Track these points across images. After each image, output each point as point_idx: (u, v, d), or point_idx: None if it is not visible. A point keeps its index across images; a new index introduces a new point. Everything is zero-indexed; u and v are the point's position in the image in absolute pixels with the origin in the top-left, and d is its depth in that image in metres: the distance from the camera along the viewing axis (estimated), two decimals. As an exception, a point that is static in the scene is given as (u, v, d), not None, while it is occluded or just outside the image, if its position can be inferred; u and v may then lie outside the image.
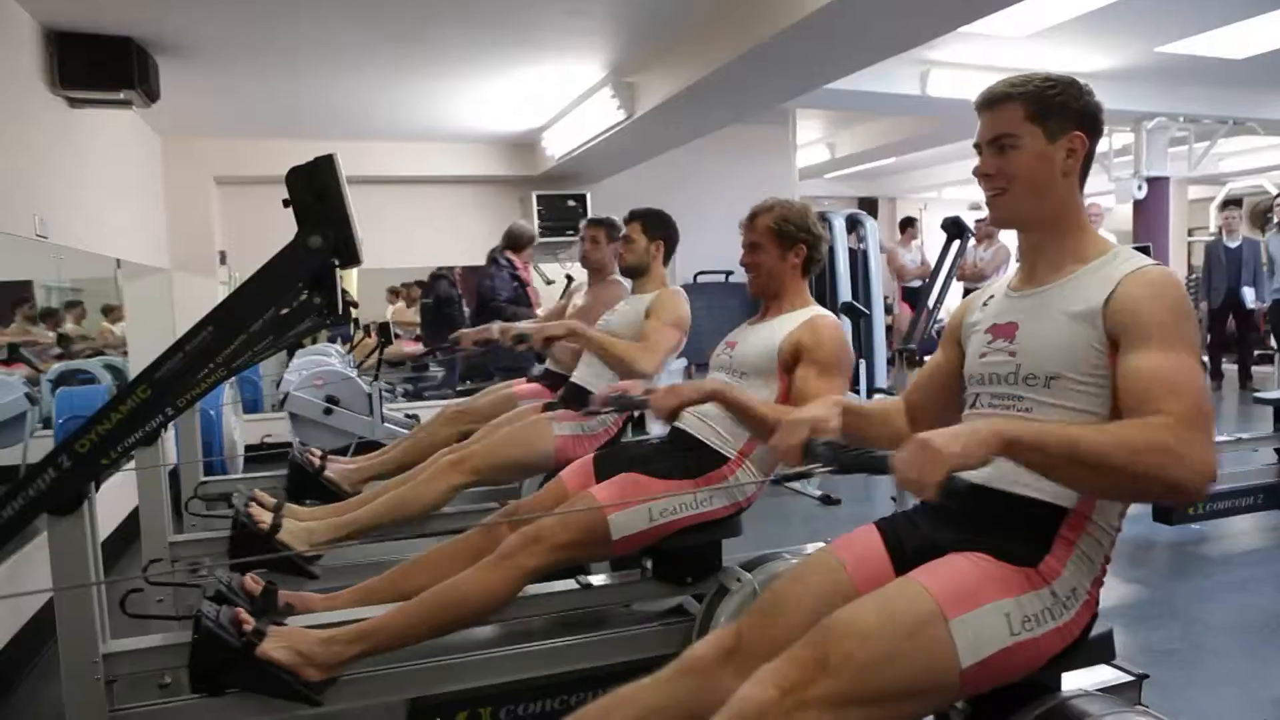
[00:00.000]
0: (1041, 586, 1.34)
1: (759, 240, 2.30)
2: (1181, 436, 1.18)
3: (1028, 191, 1.45)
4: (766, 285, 2.32)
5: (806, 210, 2.32)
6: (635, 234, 3.04)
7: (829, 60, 4.00)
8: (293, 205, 1.56)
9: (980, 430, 1.19)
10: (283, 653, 1.86)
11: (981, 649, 1.28)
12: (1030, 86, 1.44)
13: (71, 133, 3.66)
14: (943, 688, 1.29)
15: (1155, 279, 1.35)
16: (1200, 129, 6.97)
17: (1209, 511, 3.78)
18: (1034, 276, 1.49)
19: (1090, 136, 1.45)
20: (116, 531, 3.86)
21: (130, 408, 1.46)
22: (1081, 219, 1.48)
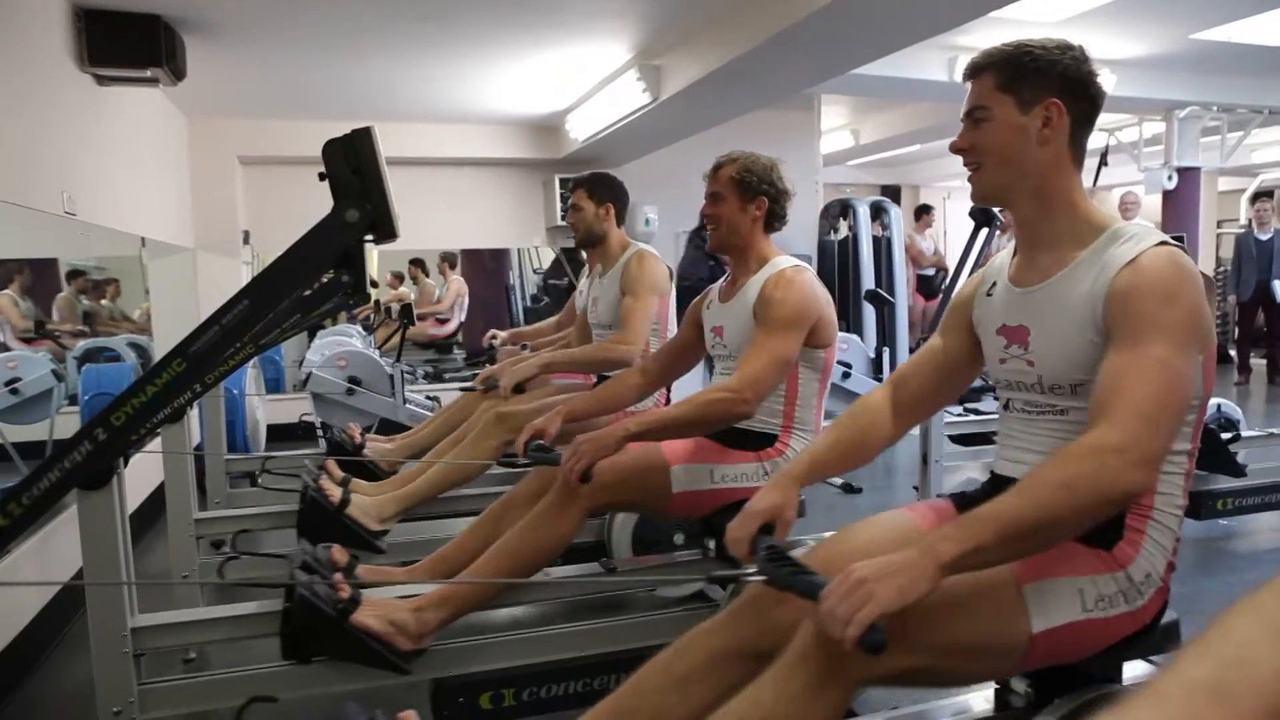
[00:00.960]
0: (1116, 570, 1.31)
1: (720, 190, 2.24)
2: (1115, 443, 1.14)
3: (1001, 165, 1.38)
4: (726, 238, 2.26)
5: (773, 164, 2.26)
6: (581, 201, 2.98)
7: (856, 45, 3.95)
8: (329, 179, 1.55)
9: (917, 565, 1.12)
10: (376, 622, 1.87)
11: (1053, 618, 1.26)
12: (1002, 54, 1.37)
13: (99, 111, 3.67)
14: (1010, 650, 1.27)
15: (1152, 264, 1.26)
16: (1234, 119, 6.85)
17: (1237, 507, 3.72)
18: (1034, 266, 1.42)
19: (1072, 103, 1.35)
20: (141, 508, 3.89)
21: (165, 381, 1.46)
22: (1073, 194, 1.39)
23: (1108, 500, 1.15)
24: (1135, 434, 1.15)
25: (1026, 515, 1.14)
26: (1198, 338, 1.25)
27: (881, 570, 1.11)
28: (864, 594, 1.09)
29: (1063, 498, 1.14)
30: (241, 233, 6.04)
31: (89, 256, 5.05)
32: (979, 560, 1.15)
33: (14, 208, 2.67)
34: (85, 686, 1.86)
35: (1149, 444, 1.15)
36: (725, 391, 2.05)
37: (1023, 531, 1.14)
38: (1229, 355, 8.98)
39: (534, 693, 2.04)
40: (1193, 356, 1.24)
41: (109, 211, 3.67)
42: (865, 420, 1.60)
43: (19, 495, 1.50)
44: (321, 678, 1.91)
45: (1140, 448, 1.15)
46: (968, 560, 1.13)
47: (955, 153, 1.44)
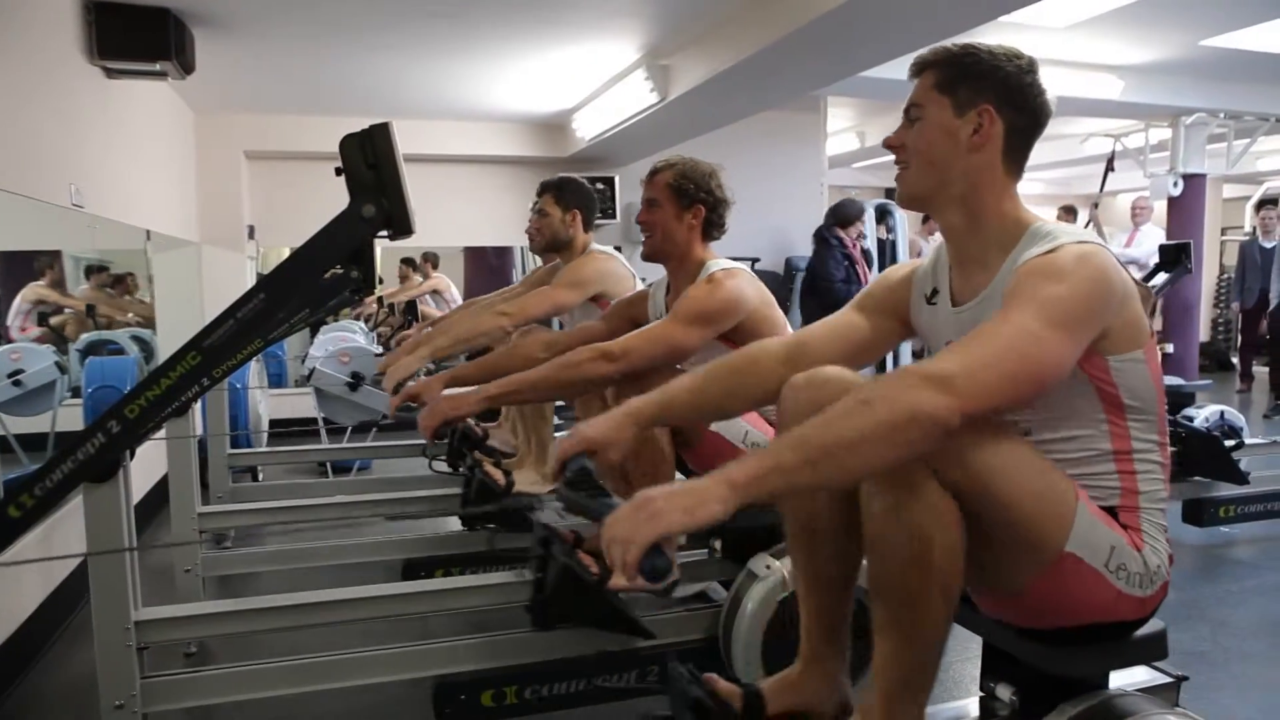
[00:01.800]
0: (1136, 550, 1.31)
1: (656, 196, 2.23)
2: (924, 371, 1.10)
3: (927, 167, 1.34)
4: (660, 246, 2.23)
5: (712, 172, 2.24)
6: (548, 206, 2.93)
7: (864, 48, 3.95)
8: (345, 173, 1.55)
9: (707, 488, 1.06)
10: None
11: (1084, 550, 1.25)
12: (945, 54, 1.34)
13: (107, 104, 3.67)
14: (1042, 547, 1.24)
15: (1048, 256, 1.23)
16: (1240, 126, 6.84)
17: (1239, 515, 3.72)
18: (968, 282, 1.39)
19: (1008, 111, 1.31)
20: (143, 501, 3.90)
21: (179, 374, 1.46)
22: (1003, 205, 1.34)
23: (906, 417, 1.07)
24: (954, 369, 1.11)
25: (825, 433, 1.08)
26: (1083, 324, 1.19)
27: (670, 492, 1.06)
28: (649, 514, 1.04)
29: (861, 413, 1.08)
30: (247, 227, 6.04)
31: (94, 249, 5.05)
32: (783, 482, 1.08)
33: (22, 199, 2.67)
34: (87, 679, 1.86)
35: (964, 382, 1.09)
36: (593, 352, 2.02)
37: (823, 450, 1.07)
38: (1231, 363, 8.97)
39: (536, 691, 2.04)
40: (1068, 337, 1.17)
41: (115, 204, 3.67)
42: (748, 374, 1.52)
43: (31, 487, 1.51)
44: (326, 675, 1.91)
45: (951, 380, 1.09)
46: (766, 482, 1.07)
47: (887, 148, 1.41)
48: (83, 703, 2.28)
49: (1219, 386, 8.36)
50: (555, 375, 2.03)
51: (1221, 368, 9.77)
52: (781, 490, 1.11)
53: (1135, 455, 1.33)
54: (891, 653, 1.26)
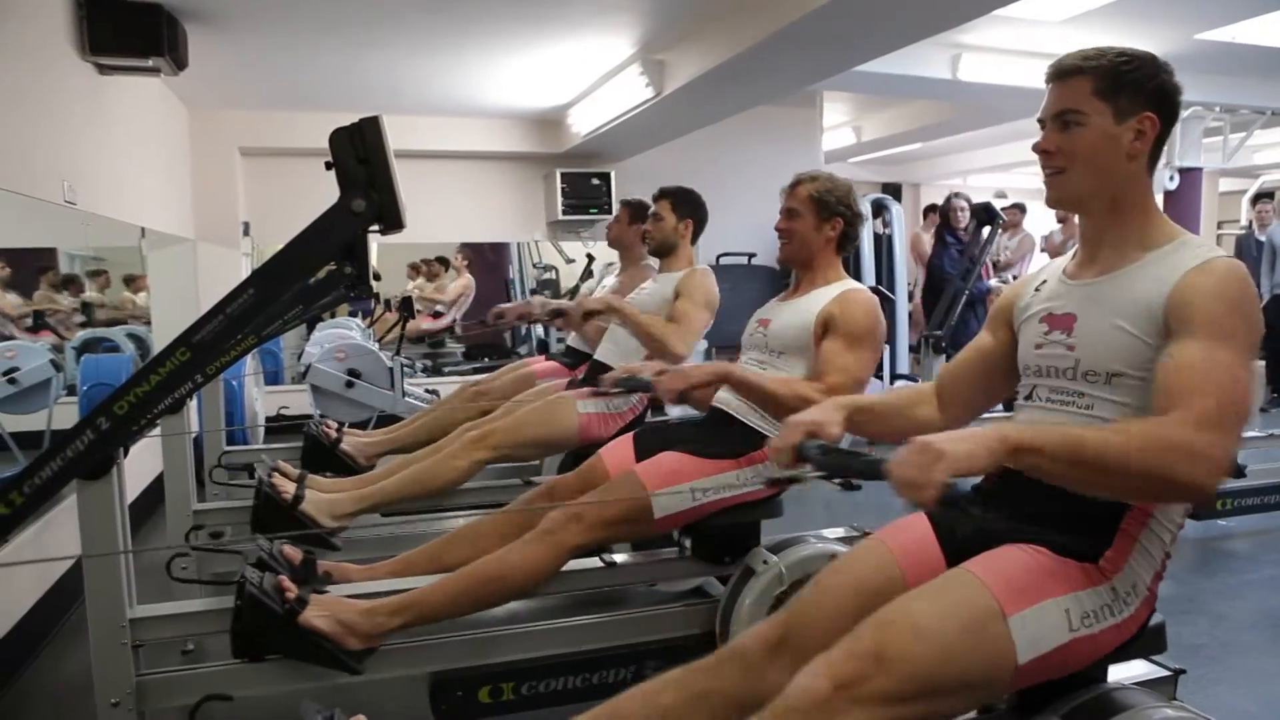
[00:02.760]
0: (1101, 583, 1.31)
1: (797, 207, 2.27)
2: (1193, 434, 1.13)
3: (1088, 172, 1.37)
4: (797, 253, 2.28)
5: (851, 188, 2.30)
6: (664, 212, 3.02)
7: (859, 42, 3.94)
8: (335, 168, 1.54)
9: (986, 435, 1.14)
10: (324, 621, 1.87)
11: (1040, 645, 1.25)
12: (1103, 61, 1.35)
13: (100, 100, 3.65)
14: (997, 682, 1.26)
15: (1219, 270, 1.27)
16: (1236, 119, 6.83)
17: (1237, 508, 3.73)
18: (1095, 262, 1.42)
19: (1163, 118, 1.36)
20: (139, 499, 3.89)
21: (169, 370, 1.45)
22: (1148, 204, 1.39)
23: (1172, 482, 1.13)
24: (1216, 437, 1.15)
25: (1099, 447, 1.14)
26: (1256, 351, 1.26)
27: (948, 436, 1.13)
28: (934, 453, 1.10)
29: (1137, 456, 1.13)
30: (241, 224, 6.02)
31: (87, 246, 5.03)
32: (1042, 463, 1.15)
33: (13, 196, 2.65)
34: (83, 677, 1.86)
35: (1225, 449, 1.15)
36: (820, 390, 2.03)
37: (1086, 459, 1.14)
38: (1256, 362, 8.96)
39: (533, 687, 2.04)
40: (1252, 369, 1.24)
41: (109, 201, 3.65)
42: (911, 396, 1.63)
43: (20, 484, 1.50)
44: (319, 674, 1.90)
45: (1218, 451, 1.14)
46: (1033, 455, 1.14)
47: (1038, 153, 1.42)
48: (79, 700, 2.27)
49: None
50: (785, 398, 2.02)
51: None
52: (1037, 468, 1.17)
53: None
54: None
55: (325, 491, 2.70)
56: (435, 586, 2.00)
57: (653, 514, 2.14)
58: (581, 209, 6.49)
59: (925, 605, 1.25)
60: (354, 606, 1.92)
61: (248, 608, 1.82)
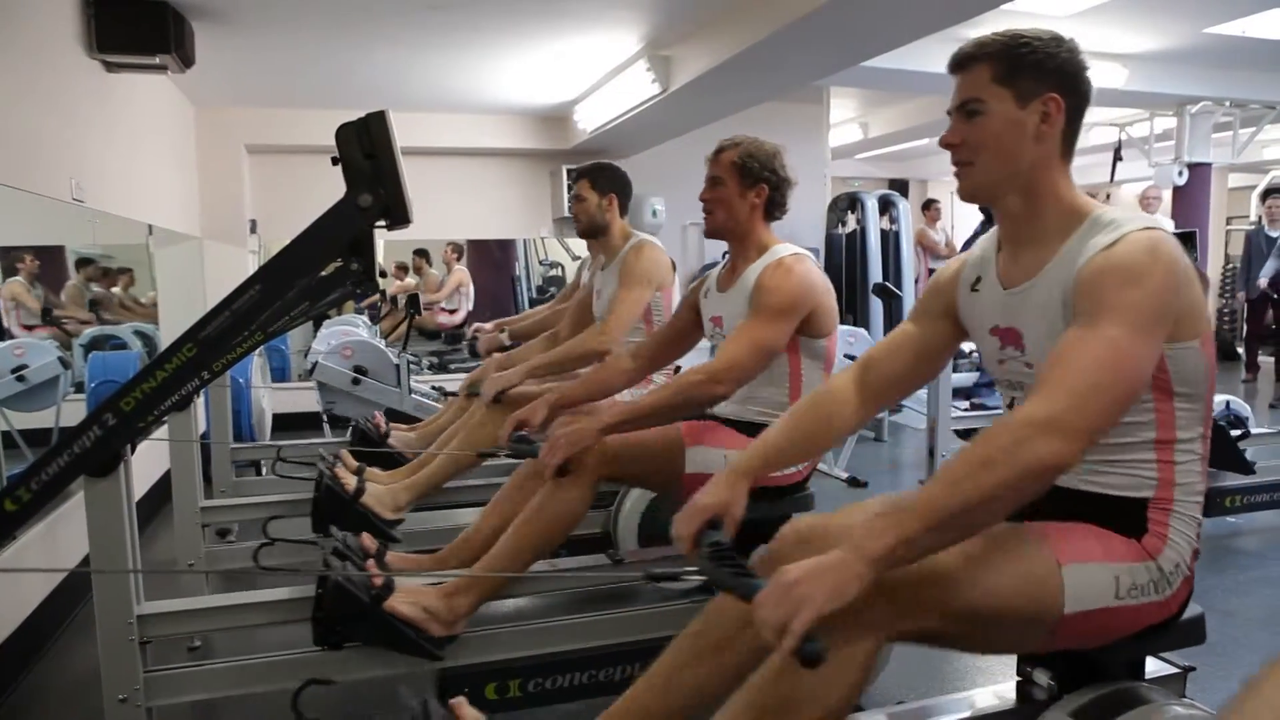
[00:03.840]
0: (1148, 560, 1.30)
1: (720, 174, 2.21)
2: (1033, 418, 1.10)
3: (996, 161, 1.32)
4: (723, 224, 2.22)
5: (776, 151, 2.22)
6: (584, 191, 2.95)
7: (866, 38, 3.93)
8: (342, 163, 1.54)
9: (846, 564, 1.07)
10: (409, 608, 1.88)
11: (1086, 601, 1.24)
12: (999, 45, 1.31)
13: (107, 98, 3.66)
14: (1038, 626, 1.24)
15: (1119, 251, 1.22)
16: (1246, 114, 6.80)
17: (1245, 505, 3.71)
18: (1019, 263, 1.37)
19: (1069, 98, 1.31)
20: (146, 496, 3.90)
21: (175, 367, 1.45)
22: (1060, 188, 1.34)
23: (1028, 473, 1.09)
24: (1061, 407, 1.10)
25: (950, 498, 1.09)
26: (1162, 322, 1.19)
27: (811, 572, 1.07)
28: (797, 599, 1.05)
29: (984, 476, 1.09)
30: (249, 222, 6.03)
31: (95, 244, 5.05)
32: (912, 551, 1.10)
33: (22, 194, 2.66)
34: (90, 674, 1.86)
35: (1075, 418, 1.10)
36: (702, 374, 2.04)
37: (950, 515, 1.09)
38: (1237, 353, 8.93)
39: (539, 684, 2.04)
40: (1151, 340, 1.18)
41: (116, 199, 3.66)
42: (827, 408, 1.54)
43: (28, 480, 1.50)
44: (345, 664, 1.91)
45: (1063, 420, 1.10)
46: (898, 553, 1.09)
47: (945, 147, 1.38)
48: (87, 697, 2.28)
49: (1226, 376, 8.32)
50: (672, 402, 2.05)
51: (1227, 358, 9.72)
52: (910, 558, 1.12)
53: (1178, 445, 1.31)
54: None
55: (381, 484, 2.70)
56: (489, 557, 2.01)
57: (684, 466, 2.12)
58: (588, 206, 6.47)
59: (978, 544, 1.23)
60: (434, 592, 1.94)
61: (332, 595, 1.84)
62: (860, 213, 6.75)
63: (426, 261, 8.43)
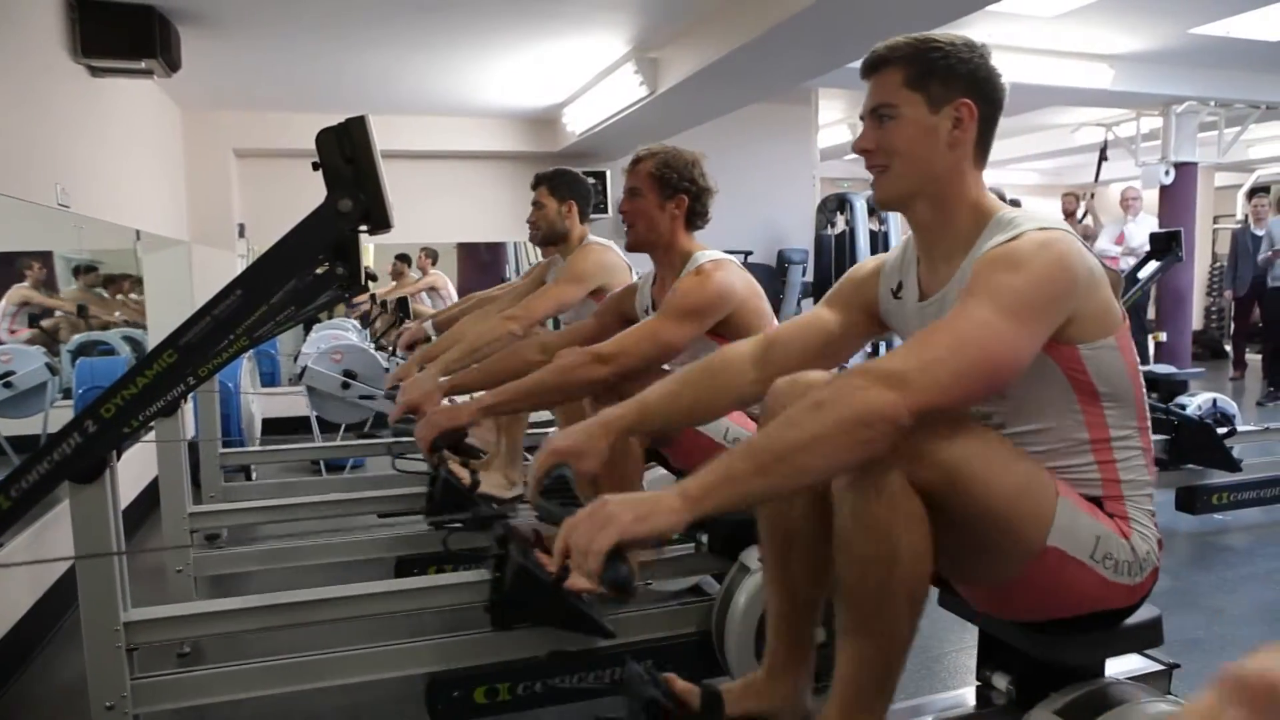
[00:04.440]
0: (1123, 538, 1.29)
1: (639, 185, 2.21)
2: (872, 369, 1.10)
3: (909, 166, 1.31)
4: (644, 235, 2.22)
5: (695, 160, 2.22)
6: (543, 198, 2.94)
7: (854, 39, 3.93)
8: (322, 168, 1.54)
9: (663, 498, 1.06)
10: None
11: (1067, 542, 1.24)
12: (909, 49, 1.31)
13: (93, 103, 3.65)
14: (1023, 544, 1.23)
15: (1009, 245, 1.21)
16: (1231, 114, 6.84)
17: (1232, 502, 3.73)
18: (935, 274, 1.37)
19: (982, 104, 1.30)
20: (135, 503, 3.88)
21: (155, 373, 1.45)
22: (974, 195, 1.33)
23: (858, 419, 1.07)
24: (905, 366, 1.10)
25: (780, 438, 1.08)
26: (1040, 313, 1.18)
27: (626, 500, 1.06)
28: (603, 518, 1.04)
29: (812, 416, 1.07)
30: (237, 226, 6.01)
31: (82, 249, 5.03)
32: (736, 492, 1.08)
33: (7, 199, 2.65)
34: (78, 681, 1.85)
35: (916, 376, 1.09)
36: (586, 356, 2.00)
37: (775, 456, 1.07)
38: (1224, 350, 8.98)
39: (529, 687, 2.04)
40: (1022, 326, 1.15)
41: (103, 204, 3.65)
42: (721, 376, 1.52)
43: (8, 487, 1.49)
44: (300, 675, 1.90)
45: (903, 375, 1.09)
46: (721, 492, 1.07)
47: (859, 153, 1.37)
48: (74, 705, 2.26)
49: (1212, 374, 8.37)
50: (550, 381, 2.00)
51: (1215, 355, 9.79)
52: (737, 500, 1.09)
53: (1114, 443, 1.31)
54: (854, 658, 1.24)
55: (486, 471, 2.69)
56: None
57: (715, 437, 2.10)
58: (577, 208, 6.48)
59: (992, 440, 1.23)
60: None
61: (515, 577, 1.88)
62: (849, 214, 6.77)
63: (408, 265, 8.41)
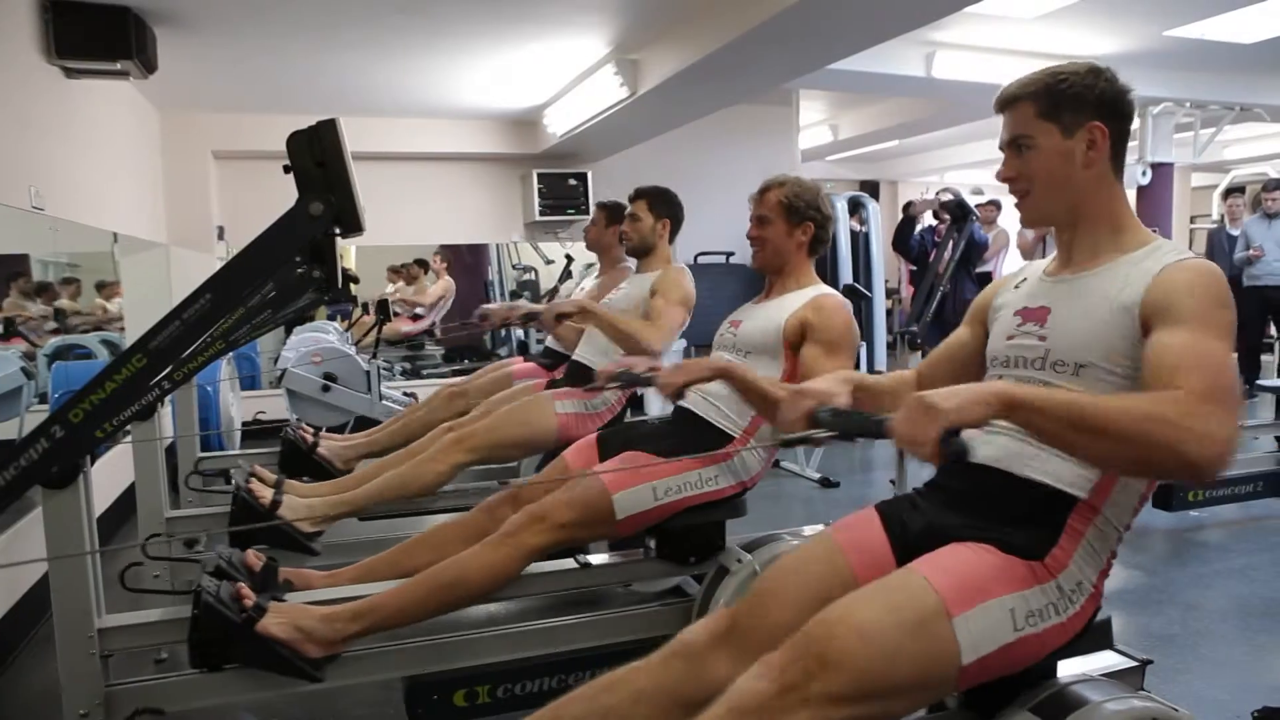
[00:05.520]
0: (1047, 580, 1.32)
1: (768, 214, 2.28)
2: (1196, 410, 1.11)
3: (1050, 190, 1.43)
4: (770, 260, 2.30)
5: (819, 190, 2.30)
6: (641, 212, 3.03)
7: (834, 40, 3.95)
8: (293, 171, 1.53)
9: (981, 390, 1.15)
10: (283, 629, 1.84)
11: (983, 646, 1.26)
12: (1038, 84, 1.41)
13: (68, 104, 3.61)
14: (941, 683, 1.27)
15: (1196, 268, 1.31)
16: (1206, 115, 6.91)
17: (1208, 498, 3.78)
18: (1070, 262, 1.46)
19: (1112, 123, 1.41)
20: (113, 507, 3.85)
21: (124, 377, 1.43)
22: (1117, 208, 1.44)
23: (1174, 458, 1.10)
24: (1221, 414, 1.12)
25: (1102, 415, 1.12)
26: (1233, 345, 1.27)
27: (945, 393, 1.14)
28: (926, 408, 1.12)
29: (1139, 428, 1.10)
30: (216, 228, 5.97)
31: (58, 252, 4.98)
32: (1037, 422, 1.14)
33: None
34: (53, 688, 1.83)
35: (1229, 428, 1.12)
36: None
37: (1088, 425, 1.12)
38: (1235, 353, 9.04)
39: (508, 689, 2.04)
40: (1231, 362, 1.24)
41: (79, 206, 3.61)
42: (900, 380, 1.68)
43: (-27, 496, 1.47)
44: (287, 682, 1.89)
45: (1224, 430, 1.11)
46: (1028, 412, 1.14)
47: (1003, 181, 1.48)
48: (48, 712, 2.24)
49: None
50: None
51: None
52: (1033, 427, 1.16)
53: None
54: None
55: (303, 496, 2.68)
56: (394, 592, 1.98)
57: (615, 514, 2.13)
58: (559, 209, 6.48)
59: (870, 606, 1.25)
60: (313, 613, 1.90)
61: (205, 616, 1.79)
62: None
63: (424, 270, 8.41)
